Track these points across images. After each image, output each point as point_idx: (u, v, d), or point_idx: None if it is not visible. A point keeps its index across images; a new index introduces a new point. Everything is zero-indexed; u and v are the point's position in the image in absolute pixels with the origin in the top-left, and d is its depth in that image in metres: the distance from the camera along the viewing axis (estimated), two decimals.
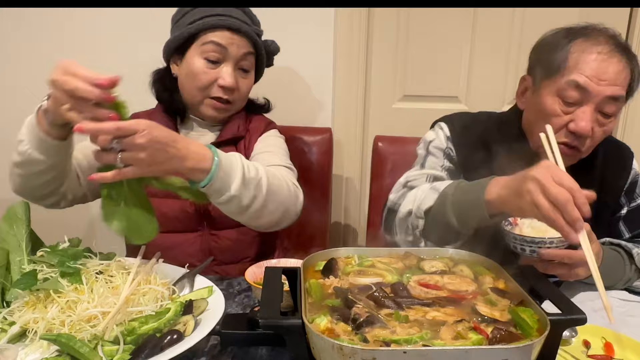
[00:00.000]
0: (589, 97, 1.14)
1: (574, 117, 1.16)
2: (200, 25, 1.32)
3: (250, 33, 1.35)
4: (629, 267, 1.20)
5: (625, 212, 1.31)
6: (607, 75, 1.12)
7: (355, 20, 1.89)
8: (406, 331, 0.75)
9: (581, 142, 1.17)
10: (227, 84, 1.33)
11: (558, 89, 1.16)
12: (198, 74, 1.33)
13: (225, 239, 1.38)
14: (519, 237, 1.06)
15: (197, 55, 1.33)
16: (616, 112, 1.17)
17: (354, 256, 1.01)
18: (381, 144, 1.78)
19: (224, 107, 1.38)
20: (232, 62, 1.34)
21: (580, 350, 0.95)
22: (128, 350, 0.83)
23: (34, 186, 1.16)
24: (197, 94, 1.36)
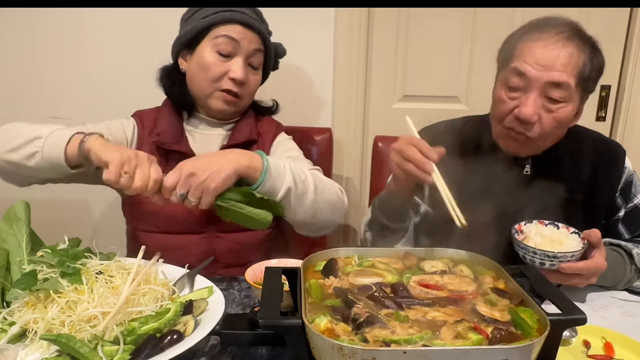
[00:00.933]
0: (530, 83, 1.15)
1: (518, 103, 1.18)
2: (214, 18, 1.33)
3: (261, 30, 1.37)
4: (629, 267, 1.20)
5: (623, 214, 1.31)
6: (545, 61, 1.14)
7: (355, 20, 1.89)
8: (406, 331, 0.75)
9: (527, 128, 1.18)
10: (238, 76, 1.34)
11: (504, 78, 1.20)
12: (209, 66, 1.34)
13: (231, 242, 1.38)
14: (539, 252, 1.07)
15: (208, 48, 1.34)
16: (565, 97, 1.16)
17: (354, 256, 1.01)
18: (381, 144, 1.78)
19: (233, 101, 1.39)
20: (243, 56, 1.35)
21: (580, 350, 0.95)
22: (128, 350, 0.83)
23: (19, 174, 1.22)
24: (207, 86, 1.37)
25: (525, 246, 1.09)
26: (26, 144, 1.16)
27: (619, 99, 2.00)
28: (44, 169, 1.17)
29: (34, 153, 1.15)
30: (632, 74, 1.95)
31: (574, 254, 1.07)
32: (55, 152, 1.14)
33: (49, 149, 1.14)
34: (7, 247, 1.05)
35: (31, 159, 1.15)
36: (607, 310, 1.13)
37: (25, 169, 1.18)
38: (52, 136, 1.15)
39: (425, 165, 1.06)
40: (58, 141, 1.15)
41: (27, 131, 1.17)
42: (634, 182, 1.31)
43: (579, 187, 1.28)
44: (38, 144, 1.15)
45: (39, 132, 1.16)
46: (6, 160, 1.18)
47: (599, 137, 1.36)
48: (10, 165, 1.18)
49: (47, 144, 1.15)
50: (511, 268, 0.93)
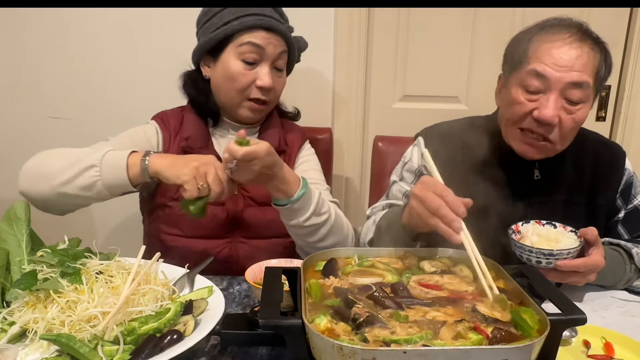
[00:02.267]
0: (550, 84, 1.14)
1: (537, 105, 1.16)
2: (237, 25, 1.29)
3: (285, 31, 1.34)
4: (629, 267, 1.20)
5: (623, 215, 1.31)
6: (565, 61, 1.13)
7: (355, 20, 1.89)
8: (406, 331, 0.75)
9: (547, 130, 1.17)
10: (266, 84, 1.32)
11: (520, 79, 1.18)
12: (236, 76, 1.32)
13: (255, 247, 1.38)
14: (535, 250, 1.06)
15: (233, 57, 1.31)
16: (583, 98, 1.15)
17: (354, 256, 1.01)
18: (381, 144, 1.78)
19: (261, 108, 1.38)
20: (268, 62, 1.33)
21: (580, 350, 0.95)
22: (128, 350, 0.83)
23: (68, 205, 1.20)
24: (235, 96, 1.35)
25: (521, 245, 1.08)
26: (80, 174, 1.13)
27: (619, 99, 2.00)
28: (105, 196, 1.16)
29: (93, 183, 1.13)
30: (632, 74, 1.95)
31: (570, 252, 1.06)
32: (117, 178, 1.13)
33: (109, 175, 1.13)
34: (7, 247, 1.05)
35: (91, 188, 1.14)
36: (607, 310, 1.13)
37: (79, 199, 1.16)
38: (106, 162, 1.14)
39: (453, 224, 0.94)
40: (116, 165, 1.13)
41: (73, 161, 1.14)
42: (633, 183, 1.31)
43: (580, 190, 1.28)
44: (94, 173, 1.13)
45: (88, 159, 1.14)
46: (60, 193, 1.14)
47: (599, 138, 1.35)
48: (63, 198, 1.15)
49: (105, 171, 1.13)
50: (511, 268, 0.93)
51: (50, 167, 1.16)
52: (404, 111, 2.03)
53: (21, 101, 1.95)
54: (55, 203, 1.18)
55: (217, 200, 1.12)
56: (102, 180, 1.13)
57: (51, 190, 1.15)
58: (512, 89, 1.20)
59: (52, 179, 1.14)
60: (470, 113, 1.48)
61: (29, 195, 1.17)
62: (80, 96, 1.94)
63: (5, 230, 1.07)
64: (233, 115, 1.41)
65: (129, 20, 1.86)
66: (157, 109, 1.49)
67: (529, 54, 1.17)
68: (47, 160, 1.18)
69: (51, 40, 1.89)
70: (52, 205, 1.20)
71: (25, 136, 1.97)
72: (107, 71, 1.92)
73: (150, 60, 1.90)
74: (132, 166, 1.13)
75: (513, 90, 1.19)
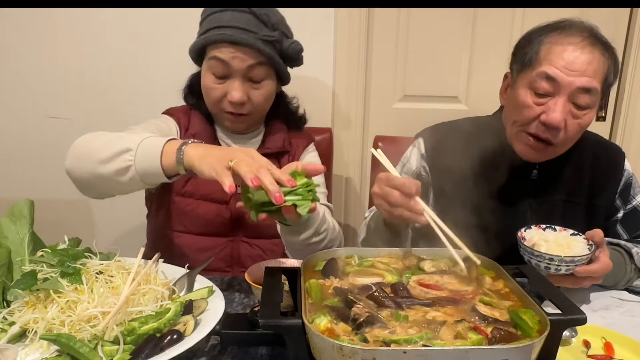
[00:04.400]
0: (560, 88, 1.13)
1: (545, 108, 1.15)
2: (204, 39, 1.29)
3: (253, 43, 1.26)
4: (630, 267, 1.20)
5: (622, 215, 1.31)
6: (576, 65, 1.12)
7: (355, 20, 1.89)
8: (406, 331, 0.75)
9: (553, 135, 1.17)
10: (234, 99, 1.30)
11: (530, 81, 1.17)
12: (208, 90, 1.32)
13: (257, 248, 1.38)
14: (556, 258, 1.05)
15: (206, 69, 1.32)
16: (590, 104, 1.15)
17: (354, 256, 1.01)
18: (381, 144, 1.78)
19: (241, 119, 1.36)
20: (238, 76, 1.29)
21: (580, 350, 0.95)
22: (128, 350, 0.83)
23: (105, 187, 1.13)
24: (212, 107, 1.36)
25: (540, 253, 1.06)
26: (115, 156, 1.05)
27: (619, 99, 2.00)
28: (138, 184, 1.08)
29: (127, 167, 1.05)
30: (632, 74, 1.95)
31: (588, 257, 1.06)
32: (150, 165, 1.04)
33: (143, 161, 1.04)
34: (9, 244, 1.05)
35: (124, 173, 1.05)
36: (607, 310, 1.13)
37: (114, 184, 1.08)
38: (142, 146, 1.05)
39: (414, 207, 0.99)
40: (151, 152, 1.04)
41: (112, 141, 1.07)
42: (632, 184, 1.31)
43: (580, 191, 1.28)
44: (129, 157, 1.04)
45: (126, 142, 1.06)
46: (96, 174, 1.08)
47: (598, 139, 1.35)
48: (99, 179, 1.09)
49: (140, 155, 1.04)
50: (511, 268, 0.93)
51: (91, 145, 1.10)
52: (404, 111, 2.03)
53: (21, 101, 1.95)
54: (93, 184, 1.12)
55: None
56: (136, 165, 1.04)
57: (90, 170, 1.08)
58: (521, 90, 1.19)
59: (91, 158, 1.08)
60: (470, 113, 1.48)
61: (72, 173, 1.12)
62: (80, 96, 1.94)
63: (8, 226, 1.07)
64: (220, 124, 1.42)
65: (129, 20, 1.86)
66: (157, 109, 1.48)
67: (541, 56, 1.16)
68: (92, 139, 1.12)
69: (51, 40, 1.89)
70: (91, 186, 1.14)
71: (25, 136, 1.98)
72: (107, 71, 1.92)
73: (150, 60, 1.90)
74: (167, 154, 1.03)
75: (522, 91, 1.19)
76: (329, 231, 1.26)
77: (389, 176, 1.03)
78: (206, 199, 1.33)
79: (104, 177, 1.07)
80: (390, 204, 1.01)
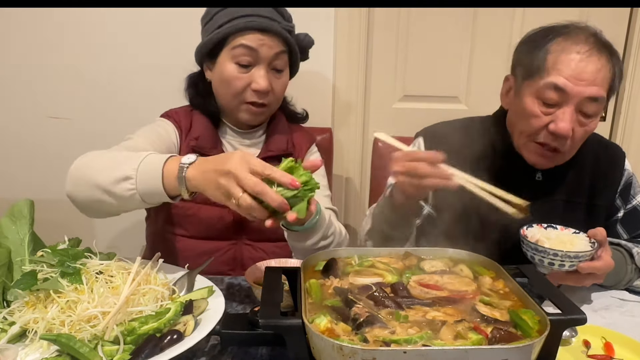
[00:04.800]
0: (568, 98, 1.12)
1: (553, 118, 1.15)
2: (228, 28, 1.26)
3: (280, 31, 1.29)
4: (630, 266, 1.20)
5: (622, 215, 1.31)
6: (585, 75, 1.11)
7: (355, 20, 1.89)
8: (406, 331, 0.75)
9: (561, 143, 1.16)
10: (261, 87, 1.28)
11: (537, 91, 1.16)
12: (231, 80, 1.29)
13: (260, 251, 1.37)
14: (560, 253, 1.04)
15: (228, 60, 1.29)
16: (597, 112, 1.15)
17: (354, 256, 1.01)
18: (381, 144, 1.78)
19: (260, 111, 1.35)
20: (264, 64, 1.29)
21: (580, 350, 0.95)
22: (128, 350, 0.83)
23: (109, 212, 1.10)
24: (231, 99, 1.33)
25: (544, 249, 1.06)
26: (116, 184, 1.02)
27: (619, 99, 2.00)
28: (144, 206, 1.07)
29: (130, 196, 1.01)
30: (632, 74, 1.95)
31: (592, 253, 1.06)
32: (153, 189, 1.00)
33: (144, 186, 1.01)
34: (9, 244, 1.05)
35: (128, 200, 1.02)
36: (607, 310, 1.13)
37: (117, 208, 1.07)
38: (142, 171, 1.01)
39: (444, 173, 1.02)
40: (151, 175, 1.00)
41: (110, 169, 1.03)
42: (633, 183, 1.31)
43: (580, 191, 1.28)
44: (129, 186, 1.01)
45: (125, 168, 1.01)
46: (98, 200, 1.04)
47: (599, 139, 1.35)
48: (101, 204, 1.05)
49: (141, 181, 1.00)
50: (511, 268, 0.93)
51: (90, 172, 1.06)
52: (404, 111, 2.03)
53: (21, 101, 1.95)
54: (96, 208, 1.09)
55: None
56: (138, 191, 1.01)
57: (91, 197, 1.06)
58: (527, 99, 1.18)
59: (90, 185, 1.05)
60: (470, 113, 1.47)
61: (74, 199, 1.09)
62: (80, 96, 1.94)
63: (8, 226, 1.07)
64: (234, 119, 1.39)
65: (129, 20, 1.86)
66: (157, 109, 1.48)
67: (548, 65, 1.14)
68: (90, 164, 1.08)
69: (51, 40, 1.88)
70: (94, 210, 1.11)
71: (25, 136, 1.98)
72: (107, 71, 1.92)
73: (150, 60, 1.90)
74: (168, 176, 0.99)
75: (528, 101, 1.17)
76: (335, 235, 1.26)
77: (408, 152, 1.05)
78: (208, 202, 1.28)
79: (106, 203, 1.04)
80: (419, 176, 1.02)
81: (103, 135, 1.95)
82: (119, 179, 1.01)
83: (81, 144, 1.95)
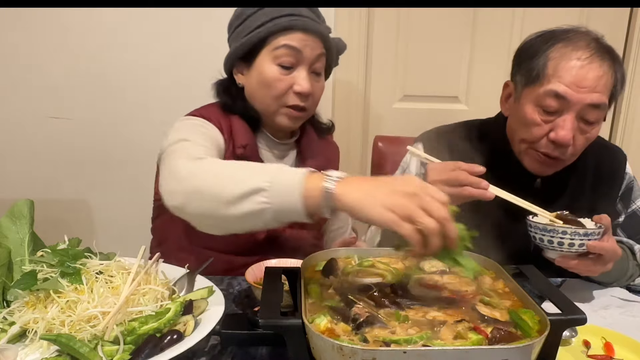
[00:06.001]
0: (569, 106, 1.11)
1: (554, 126, 1.14)
2: (271, 27, 1.20)
3: (323, 32, 1.25)
4: (632, 262, 1.20)
5: (622, 219, 1.31)
6: (586, 82, 1.10)
7: (355, 20, 1.89)
8: (406, 331, 0.75)
9: (562, 152, 1.16)
10: (304, 89, 1.23)
11: (537, 98, 1.14)
12: (272, 82, 1.23)
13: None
14: (570, 231, 1.03)
15: (268, 61, 1.23)
16: (599, 118, 1.14)
17: (354, 256, 1.01)
18: (381, 144, 1.78)
19: (300, 116, 1.29)
20: (306, 65, 1.24)
21: (580, 350, 0.95)
22: (128, 350, 0.83)
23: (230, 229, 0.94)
24: (271, 103, 1.26)
25: (553, 228, 1.04)
26: (245, 197, 0.86)
27: (619, 99, 2.00)
28: (273, 225, 0.90)
29: (261, 210, 0.85)
30: (632, 74, 1.95)
31: (599, 232, 1.05)
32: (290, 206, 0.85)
33: (280, 202, 0.85)
34: (9, 244, 1.05)
35: (258, 216, 0.86)
36: (607, 310, 1.13)
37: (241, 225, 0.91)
38: (277, 184, 0.85)
39: (481, 184, 1.06)
40: (289, 192, 0.84)
41: (236, 179, 0.89)
42: (633, 188, 1.31)
43: (582, 195, 1.27)
44: (262, 199, 0.85)
45: (256, 180, 0.86)
46: (219, 215, 0.89)
47: (601, 143, 1.33)
48: (223, 221, 0.91)
49: (276, 196, 0.85)
50: (511, 268, 0.93)
51: (208, 181, 0.92)
52: (404, 111, 2.03)
53: (21, 101, 1.95)
54: (213, 224, 0.95)
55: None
56: (273, 208, 0.85)
57: (211, 211, 0.90)
58: (527, 106, 1.16)
59: (210, 197, 0.90)
60: (471, 113, 1.48)
61: (186, 212, 0.95)
62: (80, 96, 1.94)
63: (8, 226, 1.07)
64: (269, 124, 1.32)
65: (129, 20, 1.86)
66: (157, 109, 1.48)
67: (548, 72, 1.13)
68: (203, 170, 0.95)
69: (51, 40, 1.89)
70: (210, 225, 0.96)
71: (25, 136, 1.98)
72: (107, 71, 1.92)
73: (150, 60, 1.90)
74: (310, 196, 0.83)
75: (528, 108, 1.16)
76: None
77: (444, 163, 1.10)
78: None
79: (229, 218, 0.89)
80: (460, 183, 1.06)
81: (103, 135, 1.96)
82: (250, 191, 0.86)
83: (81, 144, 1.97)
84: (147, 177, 2.01)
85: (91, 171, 1.99)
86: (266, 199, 0.85)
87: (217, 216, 0.90)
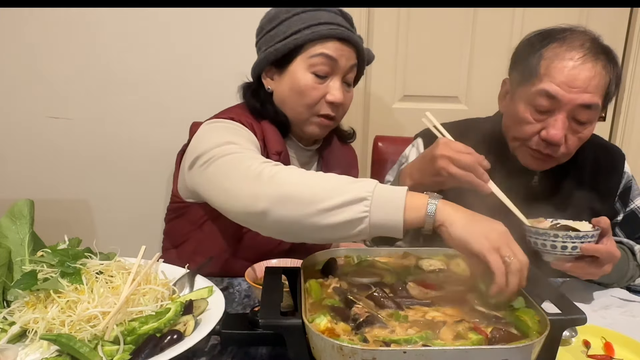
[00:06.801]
0: (560, 106, 1.12)
1: (545, 125, 1.14)
2: (309, 35, 1.19)
3: (358, 42, 1.25)
4: (632, 263, 1.20)
5: (621, 218, 1.31)
6: (578, 82, 1.10)
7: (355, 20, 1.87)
8: (406, 331, 0.75)
9: (553, 150, 1.16)
10: (337, 99, 1.22)
11: (530, 97, 1.15)
12: (306, 90, 1.21)
13: None
14: (561, 234, 1.03)
15: (303, 69, 1.21)
16: (591, 119, 1.14)
17: (354, 256, 1.01)
18: (381, 144, 1.78)
19: (329, 124, 1.28)
20: (340, 75, 1.23)
21: (580, 350, 0.95)
22: (128, 350, 0.83)
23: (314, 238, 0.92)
24: (303, 111, 1.24)
25: (545, 231, 1.05)
26: (345, 205, 0.85)
27: (619, 99, 2.00)
28: (361, 237, 0.89)
29: (360, 219, 0.85)
30: (632, 74, 1.95)
31: (594, 234, 1.05)
32: (389, 218, 0.85)
33: (380, 213, 0.85)
34: (9, 244, 1.05)
35: (354, 225, 0.85)
36: (607, 310, 1.13)
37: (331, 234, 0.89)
38: (379, 195, 0.86)
39: (484, 176, 1.05)
40: (391, 205, 0.85)
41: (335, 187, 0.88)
42: (632, 187, 1.31)
43: (580, 194, 1.28)
44: (363, 208, 0.85)
45: (358, 190, 0.86)
46: (310, 223, 0.87)
47: (599, 142, 1.34)
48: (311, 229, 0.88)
49: (377, 206, 0.85)
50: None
51: (309, 191, 0.89)
52: (404, 111, 2.03)
53: (21, 101, 1.95)
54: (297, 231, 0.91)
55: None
56: (371, 217, 0.85)
57: (303, 217, 0.88)
58: (520, 105, 1.17)
59: (306, 204, 0.88)
60: (470, 113, 1.48)
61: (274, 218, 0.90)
62: (81, 96, 1.94)
63: (8, 226, 1.07)
64: (296, 131, 1.31)
65: (129, 20, 1.86)
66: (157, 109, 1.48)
67: (541, 70, 1.13)
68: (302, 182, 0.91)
69: (51, 40, 1.88)
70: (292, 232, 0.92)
71: (25, 136, 1.98)
72: (107, 71, 1.92)
73: (151, 60, 1.90)
74: (413, 209, 0.85)
75: (521, 107, 1.17)
76: None
77: (457, 143, 1.09)
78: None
79: (320, 226, 0.87)
80: (462, 166, 1.05)
81: (103, 135, 1.96)
82: (352, 199, 0.85)
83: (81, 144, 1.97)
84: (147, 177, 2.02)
85: (91, 171, 1.99)
86: (367, 208, 0.85)
87: (306, 224, 0.88)
